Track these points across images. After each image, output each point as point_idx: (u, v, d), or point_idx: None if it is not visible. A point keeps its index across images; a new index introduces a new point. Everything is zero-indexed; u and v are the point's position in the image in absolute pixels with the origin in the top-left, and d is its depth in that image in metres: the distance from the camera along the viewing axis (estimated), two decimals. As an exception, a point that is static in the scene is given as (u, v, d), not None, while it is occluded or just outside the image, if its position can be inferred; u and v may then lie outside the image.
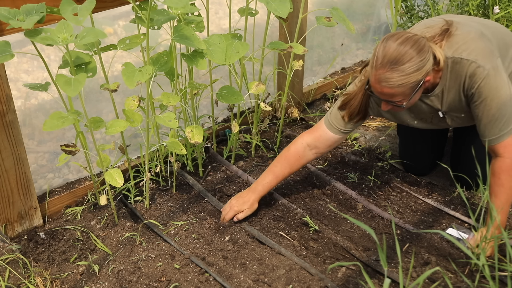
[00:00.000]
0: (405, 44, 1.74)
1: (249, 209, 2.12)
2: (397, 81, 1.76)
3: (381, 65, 1.75)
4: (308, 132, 2.17)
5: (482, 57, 1.83)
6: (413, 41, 1.75)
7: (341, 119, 2.09)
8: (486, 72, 1.82)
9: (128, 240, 2.09)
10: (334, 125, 2.10)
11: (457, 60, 1.85)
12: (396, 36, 1.77)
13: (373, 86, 1.83)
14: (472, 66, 1.83)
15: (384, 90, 1.80)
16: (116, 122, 1.95)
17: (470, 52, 1.84)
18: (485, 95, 1.85)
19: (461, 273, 1.89)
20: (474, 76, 1.84)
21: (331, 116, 2.12)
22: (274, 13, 2.00)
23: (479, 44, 1.87)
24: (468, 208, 1.96)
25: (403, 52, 1.73)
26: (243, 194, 2.15)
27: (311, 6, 2.92)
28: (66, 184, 2.38)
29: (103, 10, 1.98)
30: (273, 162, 2.17)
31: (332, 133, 2.11)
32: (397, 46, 1.74)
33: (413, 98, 1.86)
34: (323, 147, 2.15)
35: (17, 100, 2.10)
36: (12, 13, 1.66)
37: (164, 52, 1.97)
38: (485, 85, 1.83)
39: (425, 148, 2.43)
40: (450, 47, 1.87)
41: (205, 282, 1.87)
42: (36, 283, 1.92)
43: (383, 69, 1.75)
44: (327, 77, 3.29)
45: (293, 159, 2.14)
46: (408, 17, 3.47)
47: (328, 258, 1.99)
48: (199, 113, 2.51)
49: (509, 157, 1.88)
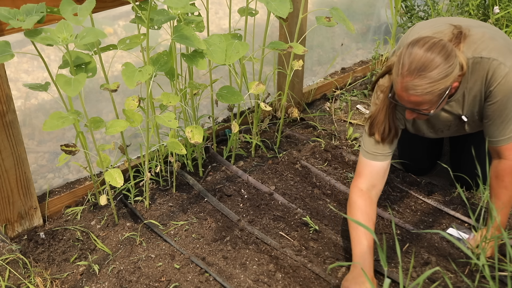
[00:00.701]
0: (432, 50, 1.67)
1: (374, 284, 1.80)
2: (425, 88, 1.68)
3: (408, 72, 1.67)
4: (357, 177, 1.99)
5: (502, 55, 1.79)
6: (440, 47, 1.68)
7: (377, 144, 1.96)
8: (507, 69, 1.77)
9: (128, 240, 2.09)
10: (375, 153, 1.96)
11: (477, 60, 1.80)
12: (422, 42, 1.70)
13: (399, 95, 1.74)
14: (493, 64, 1.78)
15: (412, 98, 1.72)
16: (116, 122, 1.95)
17: (489, 51, 1.80)
18: (502, 94, 1.80)
19: (461, 273, 1.89)
20: (495, 74, 1.79)
21: (366, 146, 1.98)
22: (274, 13, 2.00)
23: (497, 42, 1.83)
24: (468, 208, 1.96)
25: (430, 58, 1.66)
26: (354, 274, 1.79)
27: (311, 6, 2.92)
28: (66, 184, 2.38)
29: (103, 10, 1.98)
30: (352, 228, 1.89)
31: (379, 161, 1.97)
32: (424, 52, 1.67)
33: (440, 106, 1.78)
34: (379, 181, 1.99)
35: (17, 100, 2.11)
36: (12, 13, 1.66)
37: (164, 52, 1.97)
38: (505, 83, 1.78)
39: (423, 149, 2.43)
40: (469, 47, 1.82)
41: (205, 282, 1.87)
42: (36, 283, 1.92)
43: (411, 77, 1.67)
44: (327, 77, 3.29)
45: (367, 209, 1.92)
46: (408, 17, 3.47)
47: (328, 258, 1.99)
48: (199, 113, 2.51)
49: None
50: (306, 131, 2.86)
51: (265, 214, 2.21)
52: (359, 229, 1.85)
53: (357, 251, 1.84)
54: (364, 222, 1.86)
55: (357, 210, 1.91)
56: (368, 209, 1.91)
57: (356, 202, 1.93)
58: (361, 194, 1.93)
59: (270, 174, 2.46)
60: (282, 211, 2.22)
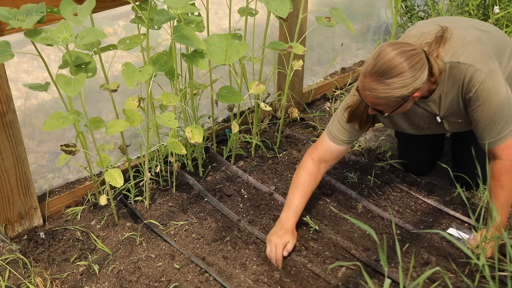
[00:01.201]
0: (399, 57, 1.70)
1: (293, 238, 1.98)
2: (380, 93, 1.75)
3: (369, 74, 1.74)
4: (313, 148, 2.13)
5: (480, 61, 1.82)
6: (408, 55, 1.71)
7: (343, 129, 2.06)
8: (483, 75, 1.81)
9: (128, 240, 2.09)
10: (337, 136, 2.07)
11: (455, 65, 1.84)
12: (393, 47, 1.72)
13: (360, 91, 1.84)
14: (470, 70, 1.82)
15: (368, 98, 1.81)
16: (116, 122, 1.95)
17: (467, 56, 1.83)
18: (483, 98, 1.84)
19: (461, 273, 1.89)
20: (472, 80, 1.83)
21: (331, 127, 2.09)
22: (274, 13, 2.00)
23: (476, 47, 1.86)
24: (468, 208, 1.96)
25: (394, 65, 1.70)
26: (277, 229, 2.00)
27: (311, 6, 2.92)
28: (66, 184, 2.38)
29: (103, 10, 1.98)
30: (292, 186, 2.08)
31: (337, 144, 2.09)
32: (390, 57, 1.70)
33: (398, 111, 1.86)
34: (332, 159, 2.12)
35: (17, 100, 2.10)
36: (12, 13, 1.66)
37: (164, 52, 1.97)
38: (483, 88, 1.82)
39: (423, 149, 2.43)
40: (447, 52, 1.86)
41: (205, 282, 1.87)
42: (36, 283, 1.92)
43: (370, 78, 1.74)
44: (327, 77, 3.29)
45: (311, 177, 2.08)
46: (408, 17, 3.47)
47: (328, 258, 1.99)
48: (199, 113, 2.51)
49: (508, 159, 1.88)
50: (306, 131, 2.86)
51: (265, 214, 2.20)
52: (297, 189, 2.06)
53: (287, 208, 2.05)
54: (306, 183, 2.06)
55: (303, 172, 2.08)
56: (313, 174, 2.08)
57: (305, 165, 2.10)
58: (312, 162, 2.09)
59: (270, 174, 2.46)
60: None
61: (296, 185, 2.07)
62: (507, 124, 1.86)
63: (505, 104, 1.84)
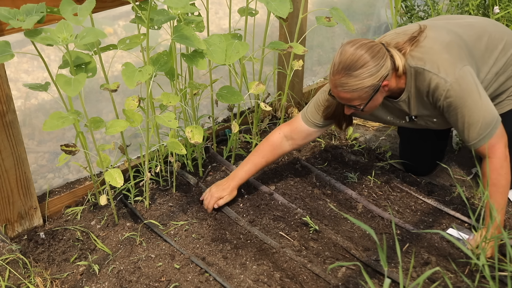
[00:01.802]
0: (360, 49, 1.79)
1: (229, 195, 2.18)
2: (351, 86, 1.81)
3: (337, 71, 1.81)
4: (286, 124, 2.24)
5: (445, 69, 1.86)
6: (367, 47, 1.80)
7: (316, 113, 2.14)
8: (448, 84, 1.85)
9: (128, 240, 2.09)
10: (310, 119, 2.16)
11: (420, 71, 1.89)
12: (352, 43, 1.82)
13: (332, 91, 1.90)
14: (433, 79, 1.87)
15: (341, 95, 1.86)
16: (116, 122, 1.95)
17: (432, 64, 1.87)
18: (454, 105, 1.88)
19: (461, 273, 1.89)
20: (437, 89, 1.88)
21: (306, 109, 2.18)
22: (274, 13, 2.00)
23: (443, 55, 1.90)
24: (468, 208, 1.96)
25: (357, 57, 1.79)
26: (223, 181, 2.22)
27: (311, 6, 2.92)
28: (66, 184, 2.38)
29: (103, 10, 1.98)
30: (252, 151, 2.26)
31: (308, 126, 2.18)
32: (352, 52, 1.79)
33: (372, 102, 1.90)
34: (299, 138, 2.21)
35: (17, 100, 2.10)
36: (12, 13, 1.66)
37: (164, 52, 1.97)
38: (451, 96, 1.87)
39: (424, 149, 2.43)
40: (414, 56, 1.90)
41: (205, 282, 1.87)
42: (36, 283, 1.92)
43: (339, 75, 1.81)
44: (327, 77, 3.29)
45: (270, 148, 2.22)
46: (408, 17, 3.47)
47: (328, 258, 1.99)
48: (199, 113, 2.51)
49: (495, 157, 1.91)
50: (306, 131, 2.86)
51: (265, 214, 2.21)
52: (254, 155, 2.23)
53: (239, 167, 2.23)
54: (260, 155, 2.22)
55: (263, 144, 2.23)
56: (270, 149, 2.22)
57: (269, 138, 2.23)
58: (277, 135, 2.22)
59: (270, 174, 2.46)
60: (282, 211, 2.22)
61: (253, 153, 2.24)
62: (485, 125, 1.88)
63: (478, 106, 1.87)
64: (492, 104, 1.92)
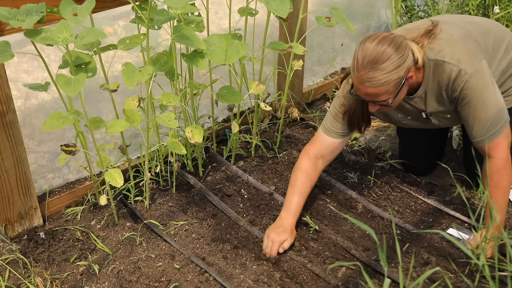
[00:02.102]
0: (382, 44, 1.76)
1: (291, 236, 2.01)
2: (379, 79, 1.77)
3: (362, 67, 1.77)
4: (309, 145, 2.14)
5: (465, 61, 1.85)
6: (389, 40, 1.77)
7: (336, 122, 2.08)
8: (468, 75, 1.83)
9: (128, 240, 2.09)
10: (331, 130, 2.09)
11: (439, 63, 1.87)
12: (372, 37, 1.79)
13: (357, 88, 1.84)
14: (454, 70, 1.84)
15: (369, 91, 1.81)
16: (116, 122, 1.95)
17: (452, 56, 1.85)
18: (469, 97, 1.86)
19: (461, 273, 1.89)
20: (456, 80, 1.85)
21: (326, 122, 2.11)
22: (274, 13, 2.00)
23: (462, 47, 1.88)
24: (468, 208, 1.96)
25: (381, 51, 1.75)
26: (277, 224, 2.03)
27: (311, 6, 2.92)
28: (66, 184, 2.38)
29: (103, 10, 1.98)
30: (290, 182, 2.10)
31: (332, 138, 2.10)
32: (374, 46, 1.76)
33: (399, 96, 1.87)
34: (328, 154, 2.12)
35: (17, 100, 2.10)
36: (12, 13, 1.66)
37: (164, 52, 1.97)
38: (468, 88, 1.85)
39: (424, 149, 2.43)
40: (433, 49, 1.88)
41: (205, 282, 1.87)
42: (36, 283, 1.92)
43: (365, 70, 1.77)
44: (327, 77, 3.29)
45: (310, 171, 2.09)
46: (408, 17, 3.47)
47: (328, 258, 1.99)
48: (199, 113, 2.51)
49: (499, 157, 1.89)
50: (306, 131, 2.86)
51: (265, 214, 2.20)
52: (295, 188, 2.07)
53: (286, 207, 2.07)
54: (303, 181, 2.08)
55: (300, 170, 2.10)
56: (310, 171, 2.09)
57: (301, 163, 2.11)
58: (308, 159, 2.11)
59: (270, 174, 2.46)
60: (282, 211, 2.22)
61: (294, 183, 2.09)
62: (495, 122, 1.87)
63: (492, 102, 1.86)
64: (504, 102, 1.90)
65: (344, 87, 2.05)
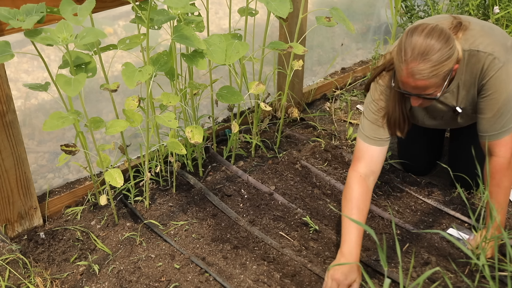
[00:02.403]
0: (432, 35, 1.72)
1: (359, 276, 1.80)
2: (431, 71, 1.71)
3: (412, 58, 1.70)
4: (356, 162, 1.98)
5: (499, 50, 1.83)
6: (439, 31, 1.73)
7: (377, 128, 1.97)
8: (501, 64, 1.82)
9: (128, 240, 2.09)
10: (375, 137, 1.97)
11: (474, 53, 1.85)
12: (420, 28, 1.74)
13: (405, 82, 1.76)
14: (488, 58, 1.83)
15: (418, 83, 1.74)
16: (116, 122, 1.95)
17: (486, 45, 1.84)
18: (495, 88, 1.84)
19: (461, 273, 1.89)
20: (488, 68, 1.83)
21: (366, 131, 1.98)
22: (274, 13, 2.00)
23: (494, 37, 1.87)
24: (468, 208, 1.96)
25: (431, 43, 1.70)
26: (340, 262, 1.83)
27: (311, 6, 2.92)
28: (66, 184, 2.38)
29: (103, 10, 1.98)
30: (345, 210, 1.91)
31: (378, 146, 1.98)
32: (424, 38, 1.71)
33: (445, 89, 1.82)
34: (377, 166, 1.99)
35: (17, 100, 2.10)
36: (12, 13, 1.66)
37: (164, 52, 1.97)
38: (497, 77, 1.83)
39: (422, 148, 2.43)
40: (466, 40, 1.86)
41: (205, 282, 1.87)
42: (36, 283, 1.92)
43: (415, 62, 1.70)
44: (327, 77, 3.29)
45: (364, 196, 1.92)
46: (408, 17, 3.47)
47: (328, 258, 1.99)
48: (199, 113, 2.51)
49: (504, 157, 1.88)
50: (306, 131, 2.86)
51: (265, 214, 2.21)
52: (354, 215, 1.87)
53: (347, 239, 1.84)
54: (359, 211, 1.88)
55: (353, 197, 1.91)
56: (364, 197, 1.91)
57: (353, 188, 1.92)
58: (359, 181, 1.93)
59: (270, 174, 2.46)
60: (282, 211, 2.22)
61: (351, 209, 1.89)
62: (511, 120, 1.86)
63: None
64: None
65: (376, 90, 1.97)
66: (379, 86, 1.96)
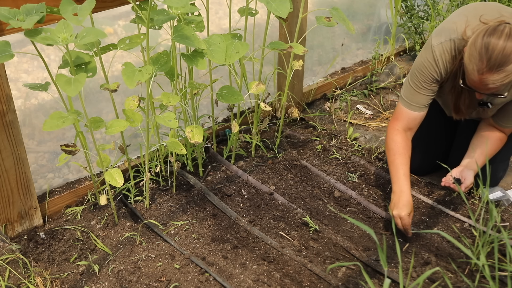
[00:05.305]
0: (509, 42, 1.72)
1: (412, 210, 2.05)
2: (503, 80, 1.76)
3: (488, 70, 1.74)
4: (394, 120, 2.17)
5: None
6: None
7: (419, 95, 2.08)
8: None
9: (128, 240, 2.09)
10: (413, 104, 2.10)
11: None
12: (496, 35, 1.74)
13: (477, 87, 1.84)
14: None
15: (491, 90, 1.81)
16: (116, 122, 1.95)
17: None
18: None
19: (461, 273, 1.89)
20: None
21: (406, 96, 2.11)
22: (274, 13, 2.00)
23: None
24: (468, 208, 1.96)
25: (508, 52, 1.72)
26: (396, 200, 2.06)
27: (311, 6, 2.92)
28: (66, 184, 2.38)
29: (103, 10, 1.98)
30: (390, 157, 2.14)
31: (416, 112, 2.11)
32: (501, 46, 1.72)
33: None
34: (414, 126, 2.16)
35: (17, 100, 2.11)
36: (12, 13, 1.66)
37: (164, 52, 1.97)
38: None
39: (423, 149, 2.43)
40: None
41: (205, 282, 1.87)
42: (36, 283, 1.92)
43: (490, 73, 1.75)
44: (327, 77, 3.29)
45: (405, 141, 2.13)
46: (408, 17, 3.47)
47: (328, 258, 1.99)
48: (199, 113, 2.51)
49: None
50: (306, 131, 2.87)
51: (265, 214, 2.21)
52: (398, 160, 2.10)
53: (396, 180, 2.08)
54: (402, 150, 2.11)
55: (396, 142, 2.13)
56: (403, 144, 2.13)
57: (394, 138, 2.14)
58: (398, 133, 2.14)
59: (270, 174, 2.46)
60: (282, 211, 2.22)
61: (394, 155, 2.12)
62: None
63: None
64: None
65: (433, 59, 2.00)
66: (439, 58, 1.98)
